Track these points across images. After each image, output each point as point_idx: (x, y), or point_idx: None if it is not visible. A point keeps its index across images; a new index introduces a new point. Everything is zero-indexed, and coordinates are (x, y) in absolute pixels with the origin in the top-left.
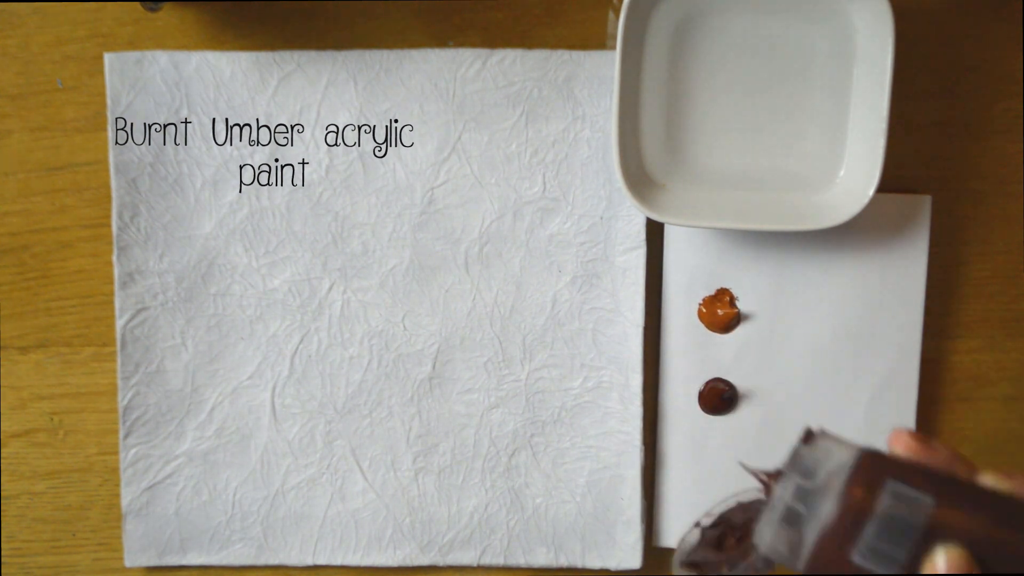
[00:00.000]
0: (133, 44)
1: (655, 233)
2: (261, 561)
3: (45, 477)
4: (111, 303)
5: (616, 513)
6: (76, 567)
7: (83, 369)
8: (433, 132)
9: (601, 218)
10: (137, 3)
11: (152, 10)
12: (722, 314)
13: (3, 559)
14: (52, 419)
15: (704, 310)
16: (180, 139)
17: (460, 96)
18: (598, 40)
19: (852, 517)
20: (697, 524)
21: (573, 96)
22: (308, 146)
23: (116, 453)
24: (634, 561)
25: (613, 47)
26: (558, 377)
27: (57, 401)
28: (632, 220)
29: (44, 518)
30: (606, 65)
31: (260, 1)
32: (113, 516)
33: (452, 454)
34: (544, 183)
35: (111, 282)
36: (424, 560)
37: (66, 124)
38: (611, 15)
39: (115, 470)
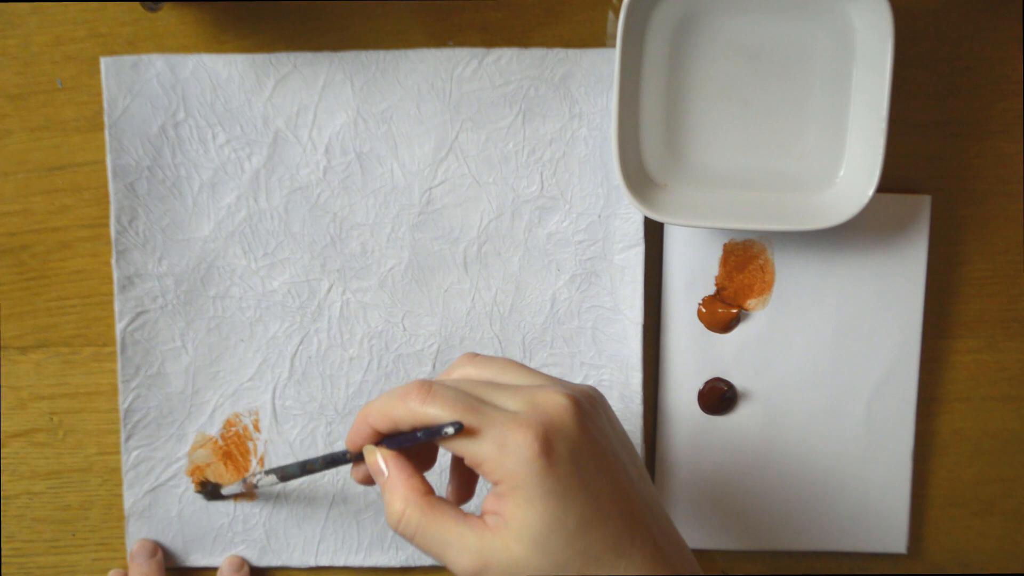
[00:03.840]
0: (133, 44)
1: (655, 232)
2: (264, 563)
3: (45, 477)
4: (111, 303)
5: None
6: (76, 567)
7: (83, 369)
8: (430, 132)
9: (599, 216)
10: (137, 3)
11: (152, 10)
12: (722, 313)
13: (3, 559)
14: (52, 419)
15: (704, 310)
16: (177, 142)
17: (457, 96)
18: (598, 40)
19: None
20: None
21: (570, 94)
22: (306, 148)
23: (116, 453)
24: None
25: (612, 46)
26: (558, 376)
27: (57, 401)
28: (630, 218)
29: (44, 518)
30: (603, 63)
31: (260, 1)
32: (113, 516)
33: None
34: (542, 182)
35: (111, 282)
36: (426, 561)
37: (66, 124)
38: (611, 15)
39: (115, 470)
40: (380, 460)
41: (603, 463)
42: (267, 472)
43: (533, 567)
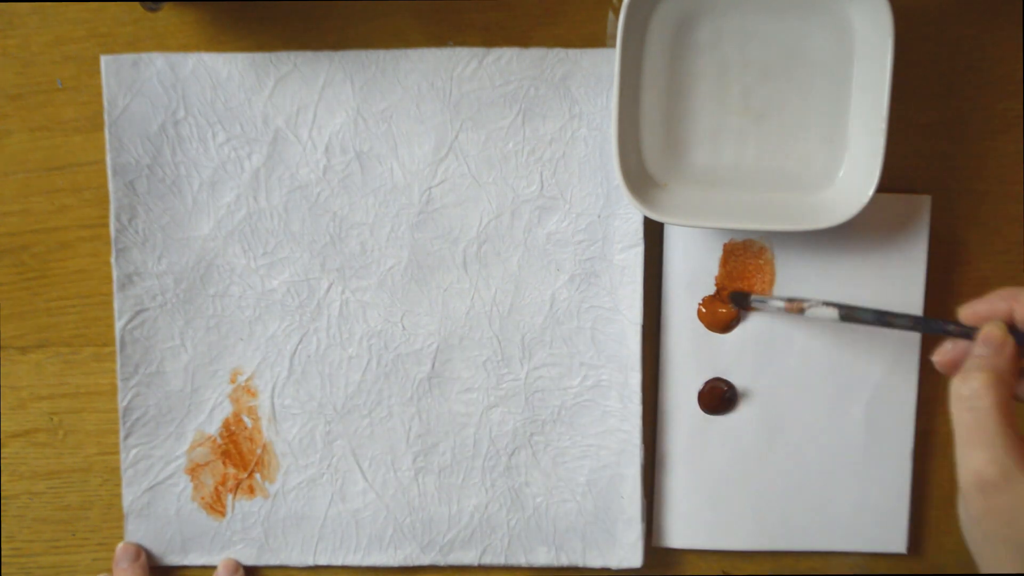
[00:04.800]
0: (133, 44)
1: (655, 232)
2: (262, 562)
3: (45, 477)
4: (111, 303)
5: (616, 512)
6: (76, 567)
7: (83, 369)
8: (430, 132)
9: (599, 216)
10: (137, 3)
11: (152, 10)
12: (722, 314)
13: (3, 559)
14: (52, 419)
15: (704, 310)
16: (177, 141)
17: (457, 95)
18: (598, 40)
19: None
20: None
21: (570, 94)
22: (305, 147)
23: (116, 453)
24: (635, 560)
25: (612, 46)
26: (557, 376)
27: (57, 401)
28: (630, 218)
29: (44, 518)
30: (602, 63)
31: (260, 1)
32: (113, 516)
33: (452, 454)
34: (541, 182)
35: (111, 282)
36: (425, 560)
37: (66, 124)
38: (611, 15)
39: (115, 470)
40: (1009, 340)
41: None
42: (827, 303)
43: None
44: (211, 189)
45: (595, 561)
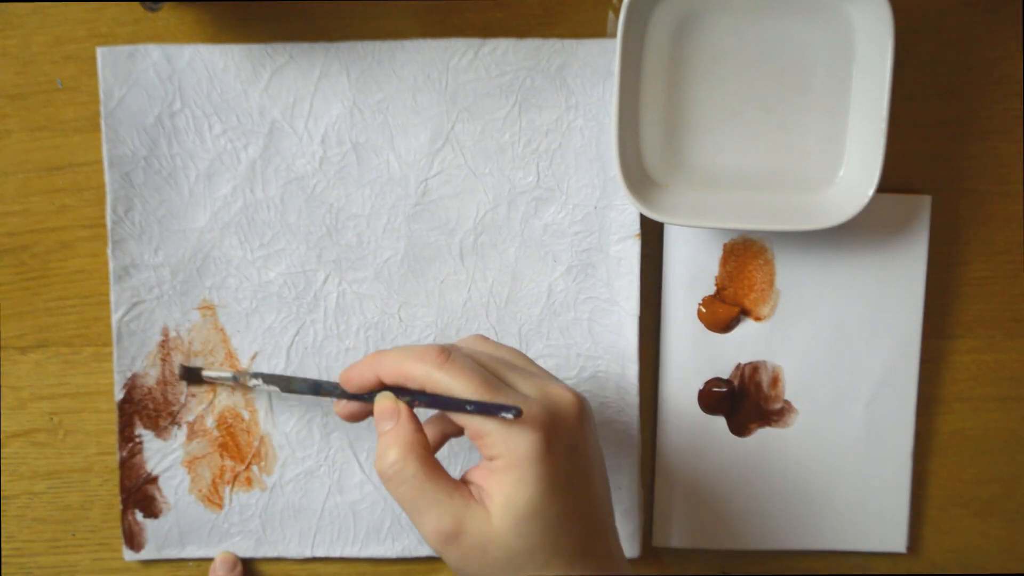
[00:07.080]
0: (132, 44)
1: (654, 231)
2: (260, 554)
3: (45, 477)
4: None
5: (614, 503)
6: (76, 567)
7: (83, 369)
8: (426, 123)
9: (595, 207)
10: (137, 3)
11: (152, 10)
12: (722, 313)
13: (3, 559)
14: (52, 419)
15: (704, 310)
16: (173, 132)
17: (453, 86)
18: None
19: None
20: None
21: (566, 85)
22: (302, 138)
23: (116, 453)
24: (632, 550)
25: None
26: (554, 367)
27: (57, 401)
28: (626, 210)
29: (44, 518)
30: (599, 53)
31: (261, 1)
32: (113, 516)
33: (449, 445)
34: (538, 173)
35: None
36: (423, 551)
37: (66, 124)
38: (611, 15)
39: (115, 470)
40: (400, 407)
41: (589, 467)
42: (267, 379)
43: (506, 546)
44: (207, 181)
45: None
